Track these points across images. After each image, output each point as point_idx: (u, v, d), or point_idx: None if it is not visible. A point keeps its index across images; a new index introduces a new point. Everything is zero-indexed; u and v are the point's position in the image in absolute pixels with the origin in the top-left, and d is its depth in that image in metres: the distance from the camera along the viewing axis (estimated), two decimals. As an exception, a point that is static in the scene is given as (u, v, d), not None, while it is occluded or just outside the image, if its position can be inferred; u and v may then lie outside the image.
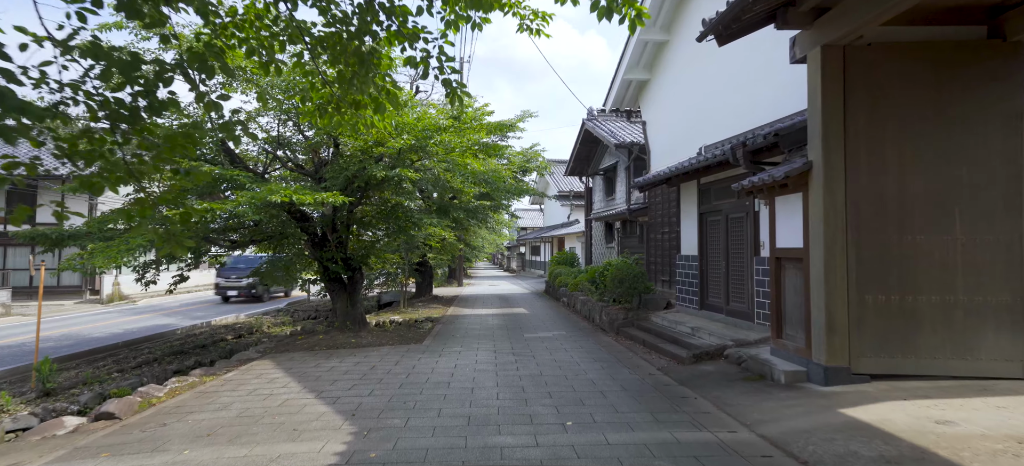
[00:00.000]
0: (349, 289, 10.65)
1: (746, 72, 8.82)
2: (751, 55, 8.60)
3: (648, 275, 10.76)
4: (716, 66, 9.93)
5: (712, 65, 10.08)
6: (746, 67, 8.81)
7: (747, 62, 8.75)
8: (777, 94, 7.87)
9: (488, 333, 10.57)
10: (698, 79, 10.89)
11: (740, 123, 8.85)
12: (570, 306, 14.90)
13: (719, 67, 9.81)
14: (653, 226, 13.40)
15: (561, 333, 10.43)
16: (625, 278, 10.18)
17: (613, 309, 10.79)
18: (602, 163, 20.26)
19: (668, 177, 9.80)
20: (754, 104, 8.50)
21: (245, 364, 7.80)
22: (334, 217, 9.86)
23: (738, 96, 9.06)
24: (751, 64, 8.65)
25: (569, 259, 21.02)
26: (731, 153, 6.75)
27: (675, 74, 12.33)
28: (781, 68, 7.76)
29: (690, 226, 9.86)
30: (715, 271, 9.00)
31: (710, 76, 10.19)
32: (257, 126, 9.92)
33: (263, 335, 12.11)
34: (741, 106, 8.91)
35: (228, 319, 14.41)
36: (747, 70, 8.79)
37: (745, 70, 8.85)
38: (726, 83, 9.53)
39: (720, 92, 9.77)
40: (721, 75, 9.72)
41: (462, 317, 13.44)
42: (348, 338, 9.80)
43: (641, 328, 9.62)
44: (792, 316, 5.76)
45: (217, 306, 18.64)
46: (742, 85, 8.94)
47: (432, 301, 18.32)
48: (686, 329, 8.44)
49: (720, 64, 9.77)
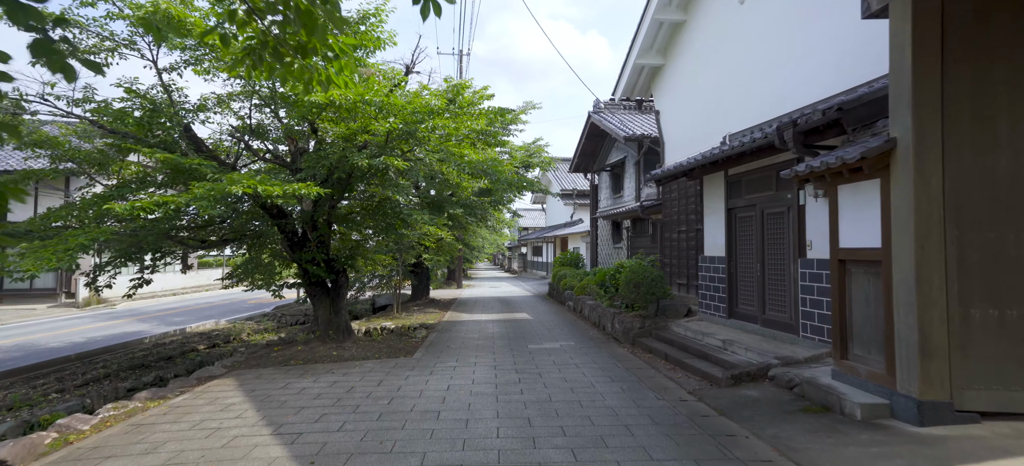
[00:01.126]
0: (332, 294, 9.53)
1: (781, 50, 7.70)
2: (788, 30, 7.49)
3: (665, 278, 9.65)
4: (743, 47, 8.82)
5: (737, 46, 8.97)
6: (782, 44, 7.70)
7: (783, 38, 7.64)
8: (823, 71, 6.76)
9: (487, 343, 9.46)
10: (720, 62, 9.77)
11: (774, 107, 7.74)
12: (577, 311, 13.79)
13: (746, 48, 8.70)
14: (668, 224, 12.28)
15: (570, 344, 9.31)
16: (641, 282, 9.07)
17: (627, 316, 9.68)
18: (609, 158, 19.15)
19: (689, 169, 8.68)
20: (793, 85, 7.39)
21: (204, 384, 6.69)
22: (314, 214, 8.75)
23: (771, 78, 7.95)
24: (789, 41, 7.54)
25: (573, 260, 19.91)
26: (777, 135, 5.63)
27: (693, 58, 11.20)
28: (830, 40, 6.65)
29: (715, 224, 8.74)
30: (747, 275, 7.88)
31: (735, 58, 9.07)
32: (230, 112, 8.81)
33: (240, 344, 11.01)
34: (775, 88, 7.80)
35: (206, 326, 13.30)
36: (783, 47, 7.67)
37: (780, 48, 7.73)
38: (755, 64, 8.41)
39: (748, 75, 8.65)
40: (749, 56, 8.61)
41: (459, 323, 12.33)
42: (329, 350, 8.69)
43: (661, 339, 8.50)
44: (863, 333, 4.64)
45: (201, 310, 17.53)
46: (776, 65, 7.82)
47: (429, 305, 17.21)
48: (715, 342, 7.32)
49: (748, 44, 8.66)
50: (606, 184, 19.78)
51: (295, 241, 9.21)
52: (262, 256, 9.27)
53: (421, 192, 9.87)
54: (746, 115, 8.57)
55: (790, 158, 6.81)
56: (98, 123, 7.44)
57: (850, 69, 6.27)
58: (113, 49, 7.58)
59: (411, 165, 7.70)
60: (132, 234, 7.44)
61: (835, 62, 6.57)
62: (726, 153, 7.19)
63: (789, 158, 6.83)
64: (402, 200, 7.61)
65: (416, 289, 18.78)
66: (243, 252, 9.50)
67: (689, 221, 11.28)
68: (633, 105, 18.40)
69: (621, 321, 9.59)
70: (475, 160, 7.94)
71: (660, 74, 13.04)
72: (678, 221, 11.81)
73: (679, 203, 11.81)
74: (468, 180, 9.85)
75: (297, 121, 7.79)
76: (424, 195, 9.88)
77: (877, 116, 4.77)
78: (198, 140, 8.52)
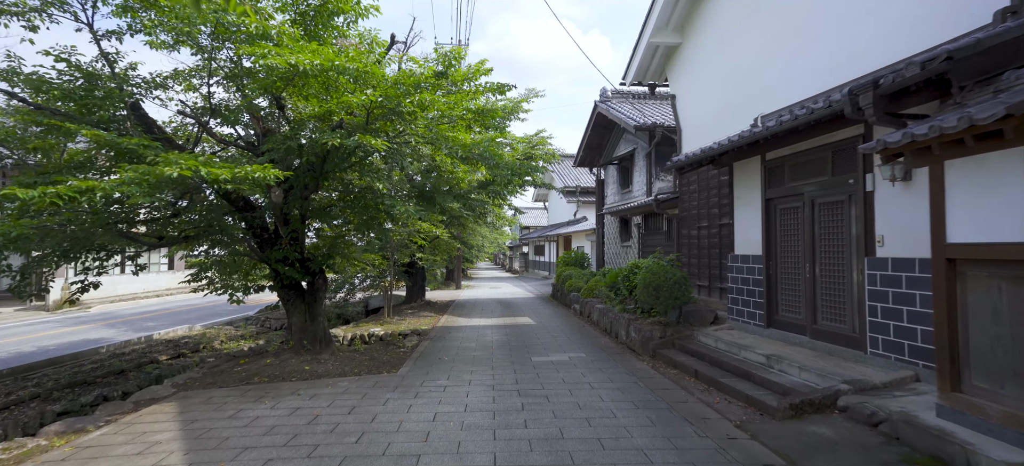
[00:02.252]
0: (308, 298, 8.34)
1: (832, 14, 6.49)
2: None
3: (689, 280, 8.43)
4: (776, 19, 7.62)
5: (771, 17, 7.76)
6: (831, 8, 6.49)
7: (832, 1, 6.44)
8: (893, 30, 5.54)
9: (485, 354, 8.26)
10: (750, 36, 8.56)
11: (822, 80, 6.53)
12: (585, 316, 12.58)
13: (781, 19, 7.50)
14: (686, 220, 11.07)
15: (580, 355, 8.10)
16: (662, 285, 7.86)
17: (644, 323, 8.48)
18: (617, 151, 17.95)
19: (717, 154, 7.45)
20: (848, 53, 6.18)
21: (139, 410, 5.50)
22: (285, 206, 7.56)
23: (818, 47, 6.74)
24: (840, 3, 6.33)
25: (578, 259, 18.70)
26: (849, 102, 4.41)
27: (717, 33, 9.99)
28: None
29: (749, 217, 7.53)
30: (790, 276, 6.67)
31: (768, 30, 7.86)
32: (192, 90, 7.62)
33: (210, 353, 9.83)
34: (824, 58, 6.59)
35: (178, 331, 12.12)
36: (833, 11, 6.46)
37: (830, 12, 6.52)
38: (794, 35, 7.20)
39: (786, 47, 7.45)
40: (785, 27, 7.40)
41: (455, 329, 11.14)
42: (302, 363, 7.50)
43: (687, 351, 7.29)
44: (991, 359, 3.44)
45: (181, 313, 16.34)
46: (826, 32, 6.61)
47: (423, 307, 16.02)
48: (756, 357, 6.11)
49: (784, 13, 7.45)
50: (613, 179, 18.58)
51: (265, 238, 8.03)
52: (221, 255, 8.08)
53: (417, 185, 8.59)
54: (785, 92, 7.36)
55: (850, 136, 5.60)
56: (18, 97, 6.26)
57: (925, 29, 5.06)
58: (40, 8, 6.39)
59: (393, 148, 6.49)
60: (61, 228, 6.25)
61: (905, 19, 5.36)
62: (768, 132, 5.96)
63: (848, 136, 5.62)
64: (381, 186, 6.39)
65: (411, 290, 17.59)
66: (208, 251, 8.30)
67: (711, 216, 10.08)
68: (645, 91, 17.16)
69: (638, 329, 8.38)
70: (470, 143, 6.72)
71: (677, 54, 11.82)
72: (698, 216, 10.61)
73: (699, 196, 10.60)
74: (464, 169, 8.67)
75: (259, 94, 6.59)
76: (418, 187, 8.65)
77: (1004, 65, 3.56)
78: (149, 121, 7.31)
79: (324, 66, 5.71)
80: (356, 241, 9.47)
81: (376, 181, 6.27)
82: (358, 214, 7.38)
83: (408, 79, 6.43)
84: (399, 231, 11.82)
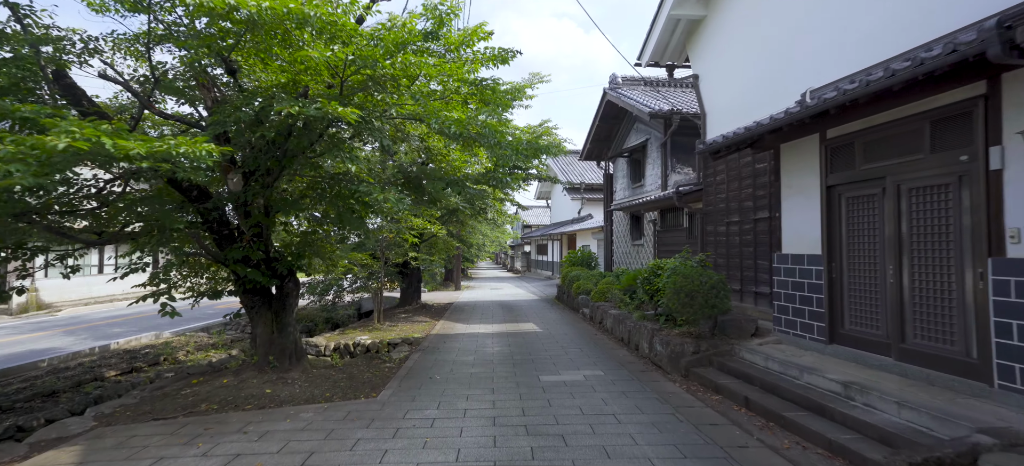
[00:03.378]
0: (276, 306, 7.06)
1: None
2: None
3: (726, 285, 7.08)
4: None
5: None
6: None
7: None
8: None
9: (485, 372, 6.97)
10: (787, 3, 7.30)
11: (890, 44, 5.25)
12: (596, 322, 11.28)
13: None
14: (713, 214, 9.77)
15: (597, 374, 6.81)
16: (696, 291, 6.56)
17: (671, 335, 7.18)
18: (627, 142, 16.65)
19: (760, 134, 6.13)
20: (923, 6, 4.89)
21: (33, 457, 4.22)
22: (246, 195, 6.27)
23: (879, 5, 5.45)
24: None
25: (586, 259, 17.40)
26: (998, 38, 3.11)
27: (747, 2, 8.70)
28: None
29: (804, 208, 6.23)
30: (863, 280, 5.37)
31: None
32: (132, 54, 6.33)
33: (166, 367, 8.56)
34: (890, 19, 5.30)
35: (142, 340, 10.83)
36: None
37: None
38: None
39: (835, 12, 6.17)
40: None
41: (452, 338, 9.85)
42: (263, 385, 6.22)
43: (729, 371, 5.99)
44: None
45: (158, 318, 15.05)
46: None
47: (418, 311, 14.74)
48: (828, 384, 4.80)
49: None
50: (623, 173, 17.29)
51: (225, 234, 6.75)
52: (166, 255, 6.80)
53: (407, 173, 7.20)
54: (837, 62, 6.08)
55: (961, 99, 4.29)
56: None
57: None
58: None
59: (366, 119, 5.18)
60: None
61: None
62: (843, 99, 4.63)
63: (959, 100, 4.31)
64: (354, 168, 5.09)
65: (405, 293, 16.32)
66: (150, 250, 6.99)
67: (745, 210, 8.78)
68: (660, 77, 15.79)
69: (664, 341, 7.08)
70: (466, 119, 5.43)
71: (700, 29, 10.52)
72: (727, 210, 9.31)
73: (729, 187, 9.30)
74: (460, 155, 7.39)
75: (206, 54, 5.28)
76: (407, 175, 7.31)
77: None
78: (78, 92, 6.01)
79: (276, 10, 4.41)
80: (336, 239, 8.16)
81: (349, 162, 4.97)
82: (330, 205, 6.09)
83: (389, 35, 5.13)
84: (389, 227, 10.54)
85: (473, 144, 6.09)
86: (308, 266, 7.09)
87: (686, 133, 13.39)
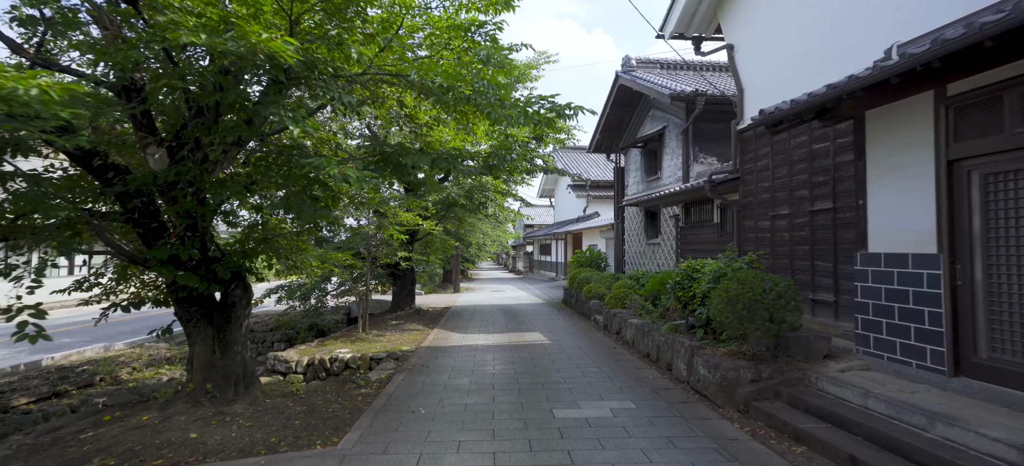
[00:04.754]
0: (218, 319, 5.57)
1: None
2: None
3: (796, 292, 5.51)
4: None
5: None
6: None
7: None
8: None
9: (483, 403, 5.46)
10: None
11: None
12: (613, 332, 9.77)
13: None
14: (753, 207, 8.26)
15: (627, 406, 5.30)
16: (758, 301, 5.04)
17: (720, 355, 5.66)
18: (641, 131, 15.14)
19: (840, 95, 4.61)
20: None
21: None
22: (175, 174, 4.77)
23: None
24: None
25: (595, 259, 15.89)
26: None
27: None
28: None
29: (907, 193, 4.72)
30: (1014, 290, 3.85)
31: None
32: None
33: (97, 391, 7.07)
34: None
35: (86, 353, 9.33)
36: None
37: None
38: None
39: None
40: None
41: (446, 353, 8.35)
42: (190, 428, 4.71)
43: (812, 412, 4.48)
44: None
45: (133, 322, 13.57)
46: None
47: (411, 317, 13.23)
48: (995, 449, 3.29)
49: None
50: (636, 165, 15.79)
51: (152, 228, 5.26)
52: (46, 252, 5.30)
53: (388, 154, 5.60)
54: (930, 13, 4.58)
55: None
56: None
57: None
58: None
59: (313, 66, 3.68)
60: None
61: None
62: (1004, 24, 3.13)
63: None
64: (297, 130, 3.59)
65: (397, 296, 14.81)
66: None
67: (798, 200, 7.27)
68: (677, 60, 14.37)
69: (709, 363, 5.57)
70: (453, 70, 3.95)
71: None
72: (773, 201, 7.80)
73: (775, 174, 7.79)
74: (453, 133, 5.91)
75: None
76: (380, 149, 5.78)
77: None
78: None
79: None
80: (305, 235, 6.63)
81: (290, 123, 3.50)
82: (275, 184, 4.61)
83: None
84: (372, 223, 9.06)
85: (467, 110, 4.61)
86: (264, 268, 5.58)
87: (709, 118, 11.91)
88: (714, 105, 11.55)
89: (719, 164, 11.49)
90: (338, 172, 3.76)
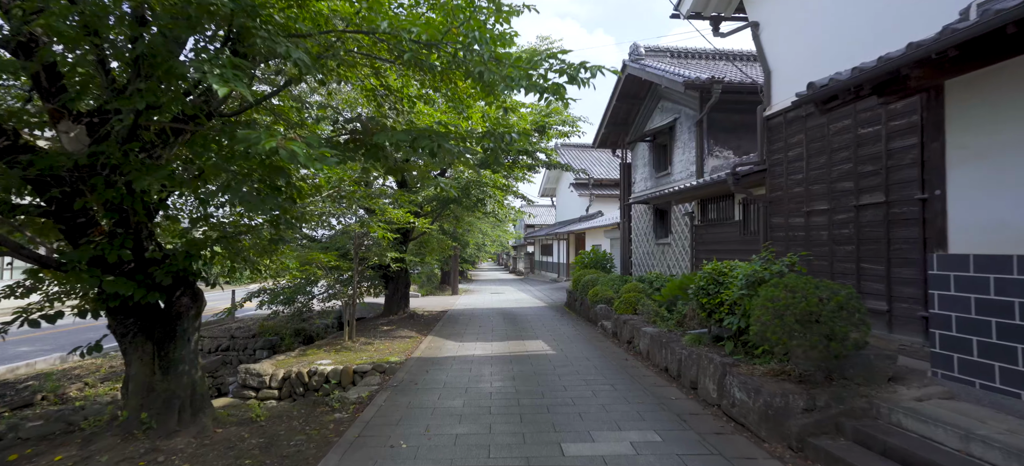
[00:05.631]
0: (160, 333, 4.64)
1: None
2: None
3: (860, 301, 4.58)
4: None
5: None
6: None
7: None
8: None
9: (478, 435, 4.53)
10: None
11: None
12: (623, 341, 8.83)
13: None
14: (783, 202, 7.34)
15: (652, 439, 4.36)
16: (815, 313, 4.11)
17: (761, 376, 4.73)
18: (650, 124, 14.20)
19: (913, 61, 3.70)
20: None
21: None
22: (95, 156, 3.86)
23: None
24: None
25: (600, 260, 14.95)
26: None
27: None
28: None
29: (1007, 179, 3.79)
30: None
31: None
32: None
33: (33, 416, 6.16)
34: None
35: (36, 366, 8.41)
36: None
37: None
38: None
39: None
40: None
41: (438, 365, 7.42)
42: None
43: (897, 458, 3.53)
44: None
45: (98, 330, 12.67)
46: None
47: (404, 322, 12.32)
48: None
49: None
50: (644, 160, 14.85)
51: (79, 224, 4.34)
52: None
53: (358, 132, 4.62)
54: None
55: None
56: None
57: None
58: None
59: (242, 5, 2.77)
60: None
61: None
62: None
63: None
64: (221, 89, 2.66)
65: (390, 300, 13.89)
66: None
67: (840, 193, 6.34)
68: (686, 49, 13.44)
69: (747, 386, 4.63)
70: (439, 20, 3.03)
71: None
72: (808, 195, 6.87)
73: (810, 163, 6.86)
74: (445, 116, 4.99)
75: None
76: (352, 130, 4.85)
77: None
78: None
79: None
80: (267, 236, 5.69)
81: (215, 81, 2.60)
82: (215, 165, 3.69)
83: None
84: (358, 220, 8.14)
85: (456, 77, 3.70)
86: (209, 272, 4.65)
87: (725, 108, 11.00)
88: (731, 93, 10.64)
89: (736, 157, 10.58)
90: (285, 150, 2.83)
